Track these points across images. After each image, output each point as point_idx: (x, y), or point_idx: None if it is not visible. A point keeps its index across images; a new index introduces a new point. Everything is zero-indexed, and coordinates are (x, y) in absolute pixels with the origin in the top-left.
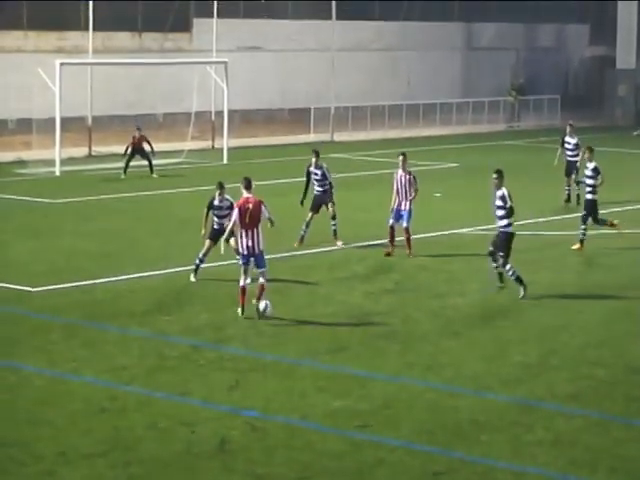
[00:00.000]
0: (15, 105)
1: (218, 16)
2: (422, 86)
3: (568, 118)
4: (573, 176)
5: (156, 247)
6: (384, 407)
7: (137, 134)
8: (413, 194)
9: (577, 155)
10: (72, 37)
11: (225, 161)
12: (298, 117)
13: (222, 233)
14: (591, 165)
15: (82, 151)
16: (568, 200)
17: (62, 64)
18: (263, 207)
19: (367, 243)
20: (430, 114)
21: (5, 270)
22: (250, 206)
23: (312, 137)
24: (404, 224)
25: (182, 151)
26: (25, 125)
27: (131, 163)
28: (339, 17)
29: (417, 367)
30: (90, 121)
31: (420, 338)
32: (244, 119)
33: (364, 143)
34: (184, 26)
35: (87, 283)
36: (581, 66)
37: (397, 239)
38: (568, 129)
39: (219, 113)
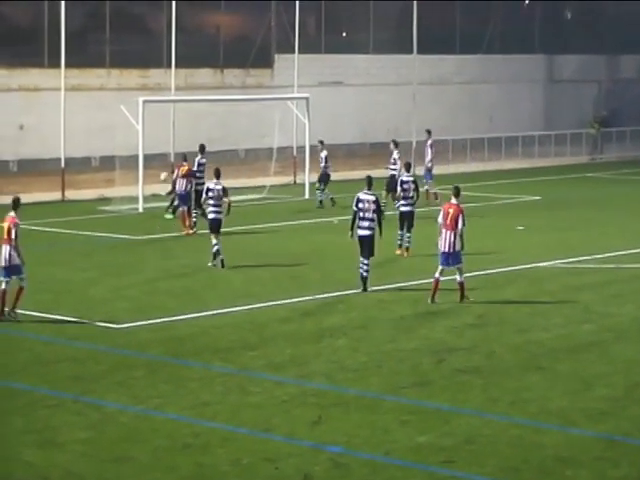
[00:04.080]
0: (98, 143)
1: (299, 51)
2: (503, 119)
3: None
4: None
5: (238, 283)
6: (468, 442)
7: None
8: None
9: None
10: (154, 74)
11: (307, 196)
12: (379, 151)
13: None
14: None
15: (165, 188)
16: None
17: (145, 101)
18: (461, 215)
19: (449, 278)
20: (512, 147)
21: (89, 307)
22: (451, 211)
23: None
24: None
25: (264, 187)
26: (108, 162)
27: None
28: (420, 51)
29: (501, 402)
30: (173, 158)
31: (504, 373)
32: None
33: (447, 177)
34: (265, 62)
35: (170, 319)
36: None
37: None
38: None
39: (300, 148)
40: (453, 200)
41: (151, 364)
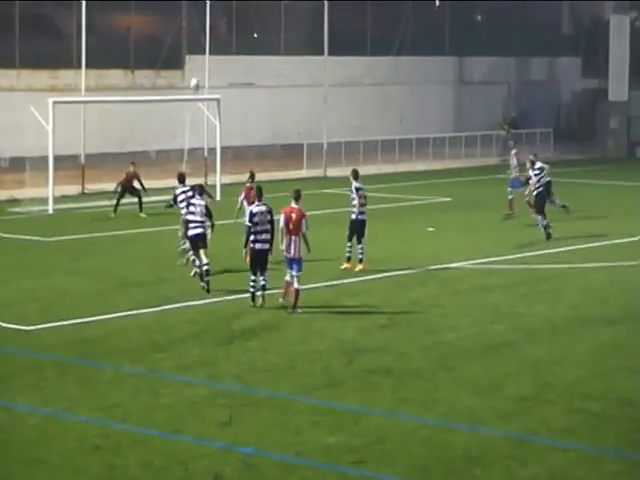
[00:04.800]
0: (8, 144)
1: (210, 53)
2: (414, 121)
3: (561, 151)
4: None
5: (148, 285)
6: (378, 443)
7: (131, 169)
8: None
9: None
10: (65, 75)
11: (218, 197)
12: (291, 153)
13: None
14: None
15: (75, 189)
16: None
17: (55, 102)
18: (304, 219)
19: (360, 279)
20: (423, 148)
21: None
22: (293, 215)
23: (305, 173)
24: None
25: (175, 188)
26: (18, 164)
27: (122, 200)
28: (331, 53)
29: (411, 402)
30: (83, 159)
31: (414, 373)
32: (236, 155)
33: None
34: (176, 63)
35: (80, 321)
36: (573, 99)
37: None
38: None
39: (212, 150)
40: (293, 204)
41: (61, 366)
